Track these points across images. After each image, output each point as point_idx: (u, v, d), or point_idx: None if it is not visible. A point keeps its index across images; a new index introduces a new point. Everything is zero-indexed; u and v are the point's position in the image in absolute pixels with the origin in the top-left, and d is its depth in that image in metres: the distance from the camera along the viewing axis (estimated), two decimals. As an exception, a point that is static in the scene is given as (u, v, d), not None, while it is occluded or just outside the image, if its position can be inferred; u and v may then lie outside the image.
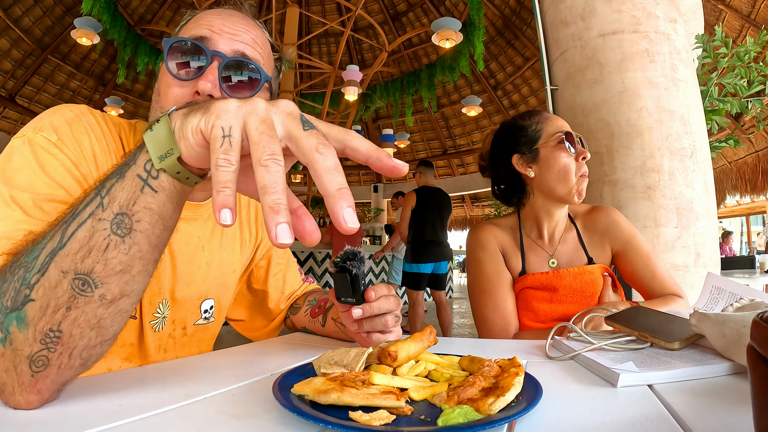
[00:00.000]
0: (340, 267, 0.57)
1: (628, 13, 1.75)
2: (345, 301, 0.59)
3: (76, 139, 0.56)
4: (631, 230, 1.04)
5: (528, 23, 7.63)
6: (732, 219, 11.97)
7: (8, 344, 0.38)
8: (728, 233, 7.81)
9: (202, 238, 0.72)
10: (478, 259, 1.03)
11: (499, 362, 0.47)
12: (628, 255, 1.02)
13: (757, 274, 3.98)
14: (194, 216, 0.71)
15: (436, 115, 10.13)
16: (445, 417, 0.36)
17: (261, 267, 0.85)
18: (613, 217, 1.04)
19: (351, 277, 0.57)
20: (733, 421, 0.37)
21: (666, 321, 0.65)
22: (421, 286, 3.81)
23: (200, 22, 0.64)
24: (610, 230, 1.04)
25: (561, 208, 1.03)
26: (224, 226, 0.31)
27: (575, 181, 0.97)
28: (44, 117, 0.56)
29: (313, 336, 0.82)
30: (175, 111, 0.39)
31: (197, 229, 0.72)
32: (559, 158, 0.98)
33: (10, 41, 7.17)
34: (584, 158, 0.97)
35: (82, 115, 0.59)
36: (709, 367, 0.50)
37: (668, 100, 1.68)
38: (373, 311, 0.58)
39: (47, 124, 0.55)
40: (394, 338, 0.61)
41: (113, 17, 5.95)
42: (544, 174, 1.00)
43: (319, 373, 0.47)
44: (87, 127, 0.58)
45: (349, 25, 6.48)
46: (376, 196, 11.29)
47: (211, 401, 0.44)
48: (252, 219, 0.84)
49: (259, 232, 0.84)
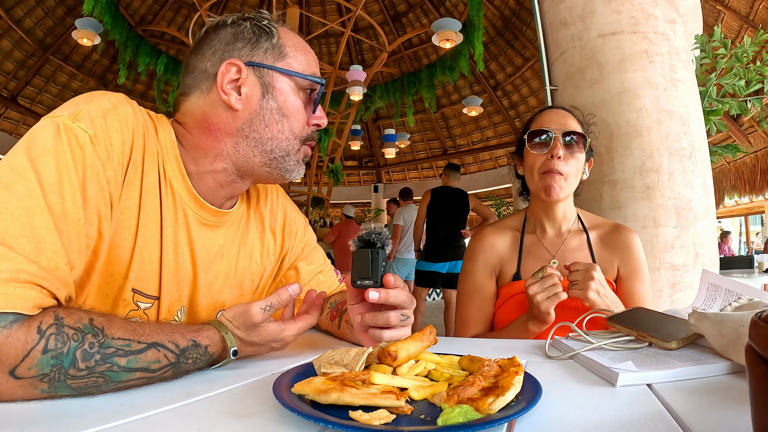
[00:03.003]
0: (364, 242, 0.56)
1: (628, 13, 1.76)
2: (362, 285, 0.57)
3: (110, 137, 0.54)
4: (642, 262, 1.02)
5: (527, 24, 7.62)
6: (731, 219, 11.97)
7: (44, 395, 0.44)
8: (727, 233, 7.81)
9: (222, 246, 0.71)
10: (466, 270, 1.08)
11: (499, 362, 0.47)
12: (628, 284, 1.00)
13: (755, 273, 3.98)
14: (218, 223, 0.70)
15: (436, 115, 10.12)
16: (445, 416, 0.36)
17: (290, 276, 0.84)
18: (631, 240, 1.02)
19: (372, 255, 0.55)
20: (731, 420, 0.38)
21: (665, 321, 0.66)
22: (435, 284, 3.83)
23: (311, 57, 0.70)
24: (623, 251, 1.02)
25: (551, 206, 1.02)
26: None
27: (537, 178, 0.97)
28: (81, 103, 0.54)
29: (314, 336, 0.82)
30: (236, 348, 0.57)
31: (219, 237, 0.71)
32: (528, 156, 1.00)
33: (12, 42, 7.17)
34: (552, 156, 0.95)
35: (120, 104, 0.57)
36: (707, 366, 0.50)
37: (667, 101, 1.68)
38: (389, 298, 0.58)
39: (85, 114, 0.53)
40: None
41: (114, 18, 5.95)
42: (525, 172, 1.03)
43: (320, 372, 0.47)
44: (123, 121, 0.56)
45: (349, 26, 6.49)
46: (376, 196, 11.29)
47: (212, 400, 0.45)
48: (278, 228, 0.82)
49: (285, 242, 0.82)
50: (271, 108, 0.65)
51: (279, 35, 0.67)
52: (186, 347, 0.51)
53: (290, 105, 0.66)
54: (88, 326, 0.45)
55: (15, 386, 0.41)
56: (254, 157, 0.66)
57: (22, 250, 0.44)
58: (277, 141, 0.66)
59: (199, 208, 0.66)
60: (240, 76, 0.64)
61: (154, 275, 0.62)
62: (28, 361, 0.41)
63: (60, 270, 0.47)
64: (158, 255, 0.62)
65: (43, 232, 0.46)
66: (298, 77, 0.66)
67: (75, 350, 0.43)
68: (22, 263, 0.44)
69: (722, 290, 0.72)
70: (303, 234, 0.86)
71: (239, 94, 0.64)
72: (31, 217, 0.46)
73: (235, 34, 0.65)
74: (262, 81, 0.65)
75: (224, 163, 0.66)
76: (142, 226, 0.60)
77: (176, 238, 0.64)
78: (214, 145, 0.65)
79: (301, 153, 0.69)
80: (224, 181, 0.67)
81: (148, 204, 0.60)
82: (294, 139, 0.67)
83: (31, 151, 0.49)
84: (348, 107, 7.14)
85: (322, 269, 0.87)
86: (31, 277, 0.44)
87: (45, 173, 0.48)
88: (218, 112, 0.64)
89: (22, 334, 0.41)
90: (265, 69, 0.65)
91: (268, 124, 0.65)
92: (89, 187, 0.52)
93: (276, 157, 0.67)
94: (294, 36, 0.69)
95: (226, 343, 0.56)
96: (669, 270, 1.61)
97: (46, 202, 0.47)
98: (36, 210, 0.46)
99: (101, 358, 0.44)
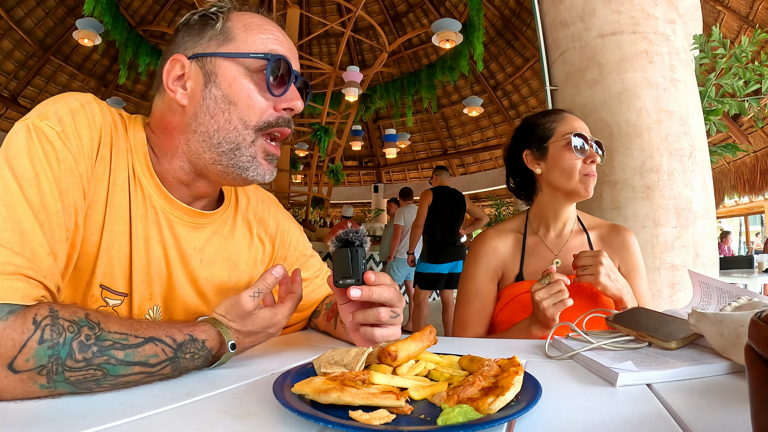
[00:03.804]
0: (342, 242, 0.56)
1: (627, 14, 1.76)
2: (344, 284, 0.57)
3: (78, 133, 0.55)
4: (640, 261, 1.05)
5: (527, 24, 7.63)
6: (730, 219, 11.97)
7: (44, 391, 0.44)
8: (727, 233, 7.82)
9: (201, 250, 0.69)
10: (467, 272, 1.08)
11: (499, 362, 0.47)
12: (628, 282, 1.00)
13: (755, 273, 3.98)
14: (194, 223, 0.68)
15: (436, 115, 10.13)
16: (445, 416, 0.36)
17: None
18: (628, 240, 1.05)
19: (352, 253, 0.55)
20: (731, 419, 0.38)
21: (664, 321, 0.66)
22: (437, 286, 3.80)
23: (268, 34, 0.64)
24: (622, 250, 1.04)
25: (568, 206, 1.04)
26: None
27: (578, 179, 0.99)
28: (49, 104, 0.55)
29: (314, 336, 0.82)
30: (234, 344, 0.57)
31: (198, 239, 0.69)
32: (566, 157, 1.00)
33: (12, 42, 7.18)
34: (592, 161, 0.99)
35: (87, 104, 0.58)
36: (707, 366, 0.50)
37: (667, 101, 1.68)
38: (372, 295, 0.57)
39: (52, 113, 0.54)
40: (393, 338, 0.60)
41: (115, 18, 5.96)
42: (551, 171, 1.02)
43: (320, 372, 0.47)
44: (90, 118, 0.57)
45: (349, 26, 6.49)
46: (376, 196, 11.29)
47: (212, 400, 0.45)
48: (267, 237, 0.80)
49: (277, 250, 0.81)
50: (215, 96, 0.61)
51: (227, 19, 0.63)
52: (183, 341, 0.51)
53: (237, 90, 0.61)
54: (83, 319, 0.45)
55: (14, 381, 0.42)
56: (204, 153, 0.63)
57: (6, 243, 0.45)
58: (224, 132, 0.61)
59: (170, 206, 0.65)
60: (184, 71, 0.62)
61: (123, 272, 0.61)
62: (25, 352, 0.41)
63: (45, 260, 0.48)
64: (127, 251, 0.61)
65: (25, 224, 0.47)
66: (246, 58, 0.61)
67: (71, 341, 0.43)
68: (7, 255, 0.44)
69: (713, 288, 0.73)
70: (298, 243, 0.85)
71: (185, 89, 0.62)
72: (12, 211, 0.47)
73: (185, 31, 0.64)
74: (204, 70, 0.62)
75: (181, 162, 0.65)
76: (110, 222, 0.59)
77: (147, 236, 0.63)
78: (171, 144, 0.65)
79: (257, 147, 0.63)
80: (185, 180, 0.66)
81: (116, 200, 0.60)
82: (245, 128, 0.62)
83: (6, 153, 0.50)
84: (348, 108, 7.14)
85: (318, 274, 0.87)
86: (17, 269, 0.45)
87: (21, 170, 0.49)
88: (172, 110, 0.63)
89: (18, 325, 0.42)
90: (207, 57, 0.61)
91: (213, 115, 0.61)
92: (64, 180, 0.52)
93: (224, 151, 0.62)
94: (249, 17, 0.64)
95: (223, 337, 0.56)
96: (669, 270, 1.61)
97: (24, 196, 0.48)
98: (16, 203, 0.47)
99: (98, 350, 0.44)
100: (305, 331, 0.87)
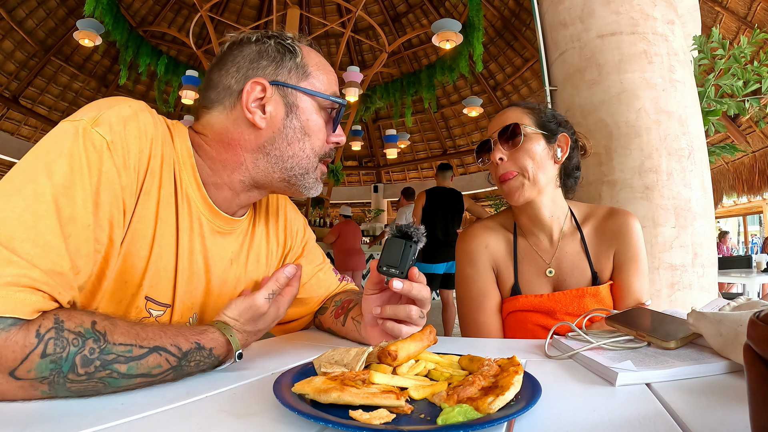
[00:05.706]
0: (402, 233, 0.57)
1: (627, 14, 1.76)
2: (388, 272, 0.58)
3: (127, 144, 0.54)
4: (639, 251, 0.95)
5: (527, 24, 7.63)
6: (729, 219, 11.98)
7: (46, 396, 0.44)
8: (725, 233, 7.83)
9: (233, 253, 0.72)
10: (466, 275, 0.99)
11: (499, 361, 0.47)
12: (623, 274, 0.94)
13: (754, 273, 3.98)
14: (230, 230, 0.71)
15: (435, 115, 10.13)
16: (445, 416, 0.36)
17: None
18: (626, 224, 0.95)
19: (405, 246, 0.56)
20: (729, 419, 0.38)
21: (663, 321, 0.66)
22: (433, 286, 3.82)
23: (332, 76, 0.71)
24: (619, 237, 0.95)
25: (527, 211, 0.95)
26: None
27: (499, 188, 0.94)
28: (102, 108, 0.53)
29: (314, 335, 0.83)
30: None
31: (231, 244, 0.71)
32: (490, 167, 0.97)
33: (13, 43, 7.17)
34: (493, 161, 0.92)
35: (141, 112, 0.57)
36: (706, 365, 0.50)
37: (666, 101, 1.69)
38: (411, 290, 0.59)
39: (105, 120, 0.52)
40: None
41: (115, 19, 5.97)
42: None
43: (320, 372, 0.47)
44: (142, 129, 0.56)
45: (349, 26, 6.49)
46: (376, 196, 11.29)
47: (212, 400, 0.45)
48: (280, 229, 0.82)
49: (287, 242, 0.83)
50: (294, 127, 0.66)
51: (302, 54, 0.68)
52: (189, 350, 0.51)
53: (312, 124, 0.67)
54: (89, 330, 0.45)
55: (15, 387, 0.42)
56: (274, 173, 0.67)
57: (26, 254, 0.44)
58: (297, 159, 0.67)
59: (214, 217, 0.67)
60: (265, 95, 0.64)
61: (168, 283, 0.62)
62: (26, 365, 0.41)
63: (64, 275, 0.47)
64: (173, 264, 0.62)
65: (49, 236, 0.46)
66: (321, 97, 0.68)
67: (75, 355, 0.43)
68: (24, 267, 0.44)
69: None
70: (303, 233, 0.87)
71: (263, 113, 0.65)
72: (38, 221, 0.46)
73: (260, 52, 0.66)
74: (286, 100, 0.66)
75: (242, 176, 0.67)
76: (159, 236, 0.60)
77: (191, 247, 0.64)
78: (233, 159, 0.66)
79: (318, 171, 0.71)
80: (241, 192, 0.68)
81: (164, 214, 0.60)
82: (314, 156, 0.69)
83: (46, 155, 0.49)
84: (348, 108, 7.14)
85: (321, 267, 0.87)
86: (32, 282, 0.44)
87: (58, 176, 0.48)
88: (240, 128, 0.65)
89: (20, 338, 0.41)
90: (289, 88, 0.66)
91: (290, 143, 0.66)
92: (102, 193, 0.51)
93: (296, 174, 0.68)
94: (316, 55, 0.71)
95: (231, 345, 0.56)
96: (668, 270, 1.61)
97: (55, 204, 0.47)
98: (44, 213, 0.46)
99: (101, 364, 0.44)
100: (306, 331, 0.88)
